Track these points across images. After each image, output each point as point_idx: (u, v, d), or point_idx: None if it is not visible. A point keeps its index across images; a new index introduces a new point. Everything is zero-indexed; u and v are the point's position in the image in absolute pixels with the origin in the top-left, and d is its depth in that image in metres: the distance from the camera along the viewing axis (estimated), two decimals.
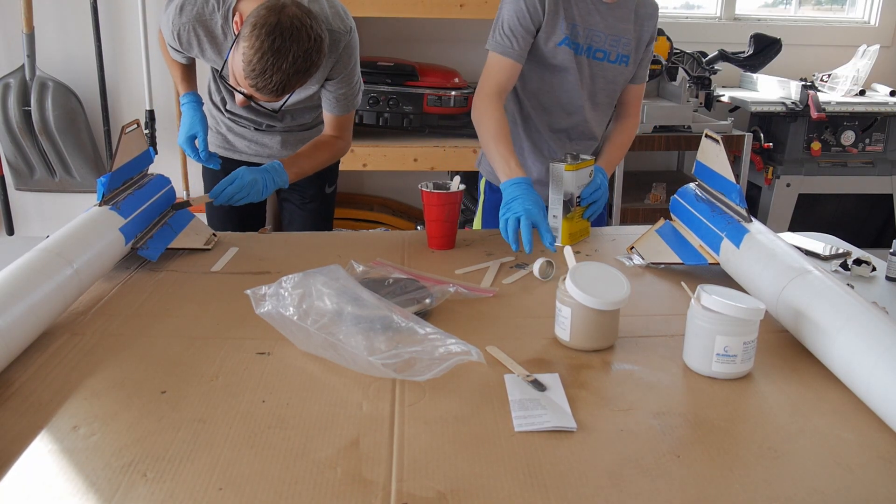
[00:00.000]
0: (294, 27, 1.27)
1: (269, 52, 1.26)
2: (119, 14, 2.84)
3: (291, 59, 1.27)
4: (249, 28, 1.27)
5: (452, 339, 0.89)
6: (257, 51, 1.26)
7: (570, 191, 1.41)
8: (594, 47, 1.52)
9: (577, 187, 1.43)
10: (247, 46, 1.27)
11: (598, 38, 1.52)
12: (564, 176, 1.41)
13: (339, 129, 1.65)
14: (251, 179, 1.44)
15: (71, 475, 0.71)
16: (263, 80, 1.29)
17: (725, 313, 0.89)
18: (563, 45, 1.50)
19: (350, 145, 1.70)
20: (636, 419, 0.82)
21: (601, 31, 1.52)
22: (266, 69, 1.27)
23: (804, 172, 2.94)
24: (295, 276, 0.98)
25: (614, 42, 1.53)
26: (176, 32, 1.47)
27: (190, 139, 1.61)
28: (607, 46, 1.53)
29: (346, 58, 1.53)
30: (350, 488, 0.69)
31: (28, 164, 2.89)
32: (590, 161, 1.45)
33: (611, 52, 1.54)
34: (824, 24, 3.40)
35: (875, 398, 0.81)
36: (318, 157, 1.62)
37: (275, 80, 1.29)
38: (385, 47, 2.98)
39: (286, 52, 1.26)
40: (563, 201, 1.42)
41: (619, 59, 1.55)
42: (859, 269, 1.31)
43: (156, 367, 0.93)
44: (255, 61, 1.27)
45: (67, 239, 1.12)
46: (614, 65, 1.56)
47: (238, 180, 1.43)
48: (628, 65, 1.57)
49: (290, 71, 1.29)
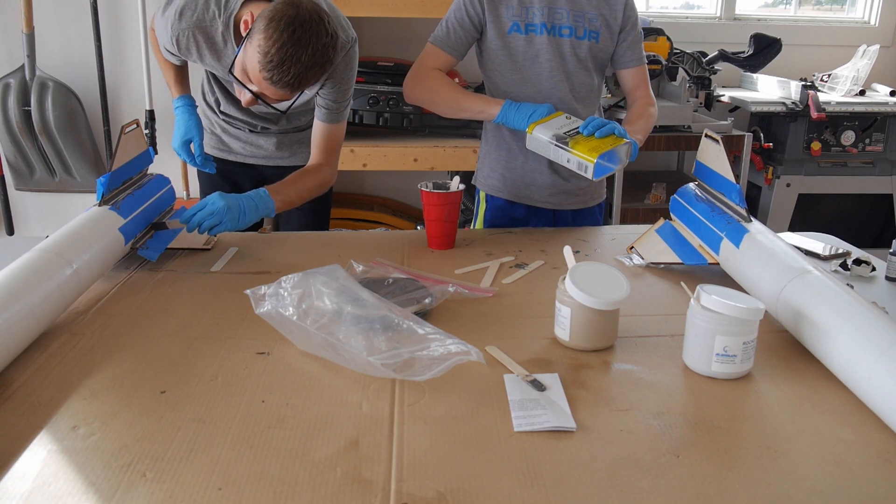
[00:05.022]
0: (313, 20, 1.25)
1: (290, 42, 1.23)
2: (119, 14, 2.84)
3: (311, 50, 1.25)
4: (266, 21, 1.24)
5: (452, 339, 0.89)
6: (276, 41, 1.23)
7: (550, 135, 1.38)
8: (558, 24, 1.52)
9: (555, 129, 1.39)
10: (264, 38, 1.24)
11: (560, 14, 1.52)
12: (535, 135, 1.40)
13: (327, 154, 1.58)
14: (223, 206, 1.32)
15: (70, 475, 0.71)
16: (281, 72, 1.25)
17: (725, 313, 0.89)
18: (514, 33, 1.51)
19: (336, 174, 1.62)
20: (636, 419, 0.82)
21: (562, 8, 1.52)
22: (285, 60, 1.24)
23: (804, 172, 2.94)
24: (295, 276, 0.98)
25: (578, 17, 1.53)
26: (175, 38, 1.44)
27: (185, 143, 1.59)
28: (572, 22, 1.53)
29: (345, 67, 1.51)
30: (349, 488, 0.69)
31: (28, 164, 2.89)
32: (557, 113, 1.44)
33: (577, 28, 1.53)
34: (824, 24, 3.40)
35: (875, 398, 0.81)
36: (305, 185, 1.53)
37: (293, 72, 1.25)
38: (385, 47, 2.98)
39: (306, 43, 1.24)
40: (555, 145, 1.38)
41: (588, 34, 1.54)
42: (859, 269, 1.31)
43: (155, 367, 0.93)
44: (274, 52, 1.24)
45: (67, 239, 1.12)
46: (583, 41, 1.54)
47: (208, 206, 1.32)
48: (599, 41, 1.56)
49: (308, 63, 1.26)
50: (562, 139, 1.37)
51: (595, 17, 1.54)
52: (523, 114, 1.44)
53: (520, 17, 1.51)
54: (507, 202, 1.68)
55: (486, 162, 1.70)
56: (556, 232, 1.56)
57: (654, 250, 1.34)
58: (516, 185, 1.66)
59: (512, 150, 1.64)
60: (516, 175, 1.65)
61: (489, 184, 1.69)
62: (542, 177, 1.64)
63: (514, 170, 1.65)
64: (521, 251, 1.41)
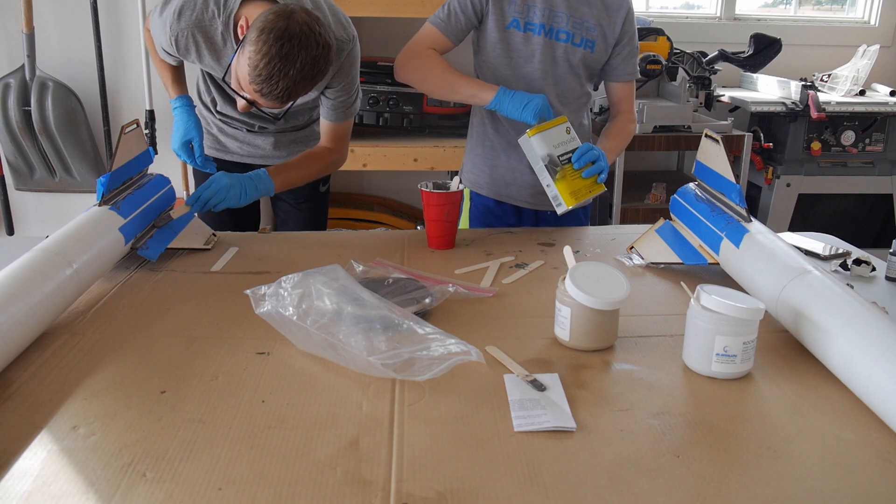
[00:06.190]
0: (303, 33, 1.24)
1: (277, 57, 1.23)
2: (119, 14, 2.84)
3: (299, 65, 1.25)
4: (257, 33, 1.24)
5: (452, 339, 0.89)
6: (264, 56, 1.23)
7: (544, 153, 1.37)
8: (556, 28, 1.52)
9: (552, 147, 1.38)
10: (253, 51, 1.24)
11: (560, 18, 1.52)
12: (532, 142, 1.38)
13: (335, 141, 1.61)
14: (227, 184, 1.41)
15: (70, 475, 0.71)
16: (269, 86, 1.26)
17: (725, 313, 0.89)
18: (513, 28, 1.51)
19: (345, 158, 1.66)
20: (636, 419, 0.82)
21: (562, 12, 1.51)
22: (272, 75, 1.25)
23: (804, 172, 2.94)
24: (294, 276, 0.98)
25: (577, 24, 1.52)
26: (174, 38, 1.44)
27: (185, 144, 1.59)
28: (570, 28, 1.52)
29: (348, 66, 1.51)
30: (349, 488, 0.69)
31: (28, 164, 2.89)
32: (560, 119, 1.41)
33: (574, 35, 1.53)
34: (824, 24, 3.40)
35: (875, 398, 0.81)
36: (309, 168, 1.58)
37: (281, 86, 1.26)
38: (385, 47, 2.98)
39: (294, 58, 1.24)
40: (544, 166, 1.38)
41: (584, 43, 1.54)
42: (859, 269, 1.31)
43: (155, 367, 0.93)
44: (262, 66, 1.24)
45: (67, 239, 1.12)
46: (578, 48, 1.54)
47: (214, 184, 1.40)
48: (594, 51, 1.55)
49: (296, 77, 1.26)
50: (553, 164, 1.38)
51: (593, 27, 1.54)
52: (518, 103, 1.43)
53: (521, 14, 1.51)
54: (491, 200, 1.69)
55: (469, 158, 1.71)
56: (555, 231, 1.56)
57: (654, 250, 1.34)
58: (498, 183, 1.66)
59: (496, 148, 1.64)
60: (498, 173, 1.66)
61: (471, 179, 1.69)
62: (524, 176, 1.64)
63: (497, 168, 1.65)
64: (521, 251, 1.41)
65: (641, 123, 2.71)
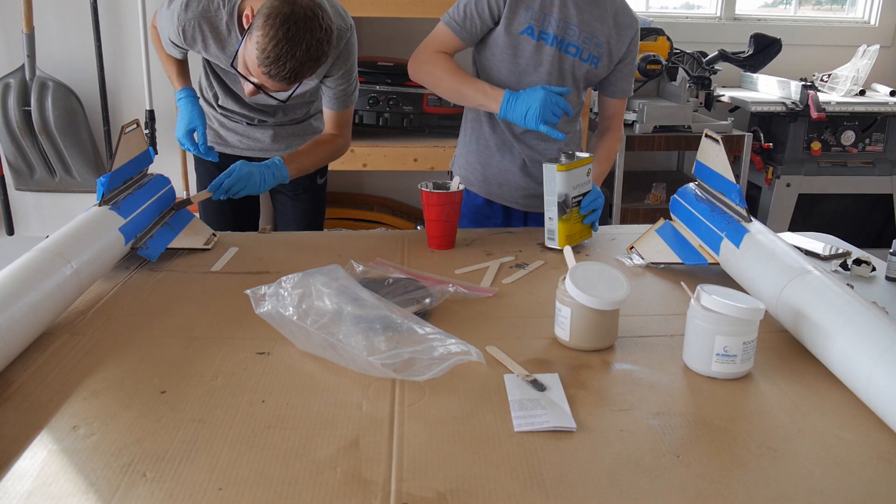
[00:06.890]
0: (307, 17, 1.31)
1: (284, 39, 1.29)
2: (119, 14, 2.84)
3: (305, 46, 1.31)
4: (263, 18, 1.31)
5: (452, 339, 0.89)
6: (272, 39, 1.30)
7: (563, 191, 1.38)
8: (567, 41, 1.52)
9: (571, 187, 1.39)
10: (261, 35, 1.31)
11: (572, 31, 1.51)
12: (557, 177, 1.37)
13: (339, 127, 1.69)
14: (248, 171, 1.47)
15: (70, 475, 0.71)
16: (277, 68, 1.32)
17: (725, 313, 0.89)
18: (526, 35, 1.51)
19: (349, 144, 1.73)
20: (636, 419, 0.82)
21: (575, 26, 1.51)
22: (280, 56, 1.31)
23: (804, 172, 2.94)
24: (294, 276, 0.98)
25: (587, 40, 1.52)
26: (181, 28, 1.50)
27: (189, 133, 1.63)
28: (580, 42, 1.52)
29: (347, 54, 1.57)
30: (350, 488, 0.69)
31: (28, 164, 2.89)
32: (586, 159, 1.41)
33: (583, 50, 1.53)
34: (824, 24, 3.40)
35: (875, 398, 0.81)
36: (318, 154, 1.66)
37: (288, 66, 1.32)
38: (385, 47, 2.98)
39: (300, 40, 1.30)
40: (557, 203, 1.38)
41: (591, 59, 1.55)
42: (859, 269, 1.31)
43: (155, 367, 0.93)
44: (270, 49, 1.30)
45: (67, 239, 1.12)
46: (585, 63, 1.55)
47: (236, 172, 1.47)
48: (597, 67, 1.56)
49: (303, 58, 1.32)
50: (566, 204, 1.39)
51: (602, 44, 1.54)
52: (519, 111, 1.43)
53: (536, 22, 1.50)
54: (481, 198, 1.69)
55: (462, 153, 1.71)
56: None
57: (654, 250, 1.34)
58: (490, 183, 1.67)
59: (490, 147, 1.64)
60: (491, 173, 1.66)
61: (463, 175, 1.69)
62: (515, 178, 1.65)
63: (490, 167, 1.66)
64: (521, 251, 1.41)
65: (641, 123, 2.71)
